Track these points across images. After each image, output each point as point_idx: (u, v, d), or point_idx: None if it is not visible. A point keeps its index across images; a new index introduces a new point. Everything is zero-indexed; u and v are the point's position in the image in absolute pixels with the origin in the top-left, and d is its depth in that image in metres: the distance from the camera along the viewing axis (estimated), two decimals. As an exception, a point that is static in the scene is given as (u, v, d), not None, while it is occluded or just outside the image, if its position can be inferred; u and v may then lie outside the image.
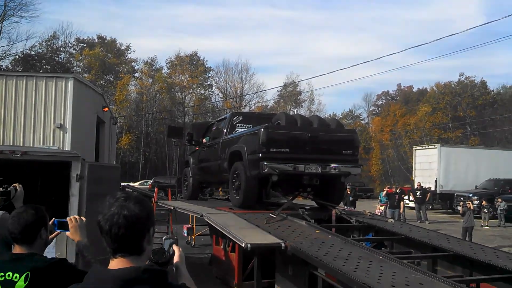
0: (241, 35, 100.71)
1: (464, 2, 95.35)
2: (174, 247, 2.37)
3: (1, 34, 46.71)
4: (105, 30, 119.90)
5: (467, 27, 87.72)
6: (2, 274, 2.61)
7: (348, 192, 20.30)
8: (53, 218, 3.04)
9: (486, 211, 22.07)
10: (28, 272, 2.60)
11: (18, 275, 2.60)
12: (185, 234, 14.66)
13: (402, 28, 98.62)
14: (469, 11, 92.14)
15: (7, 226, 2.77)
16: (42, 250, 2.85)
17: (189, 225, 14.47)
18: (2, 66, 48.00)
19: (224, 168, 9.64)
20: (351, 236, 7.79)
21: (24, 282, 2.58)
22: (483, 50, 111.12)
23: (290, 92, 66.04)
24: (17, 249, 2.75)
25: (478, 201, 22.96)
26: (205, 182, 12.10)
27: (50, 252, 5.88)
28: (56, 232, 3.03)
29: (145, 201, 2.01)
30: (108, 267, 1.94)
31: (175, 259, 2.31)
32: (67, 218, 3.00)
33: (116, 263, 1.93)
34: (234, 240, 6.58)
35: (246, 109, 56.87)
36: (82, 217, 3.08)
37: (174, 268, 2.29)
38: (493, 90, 64.79)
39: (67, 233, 3.00)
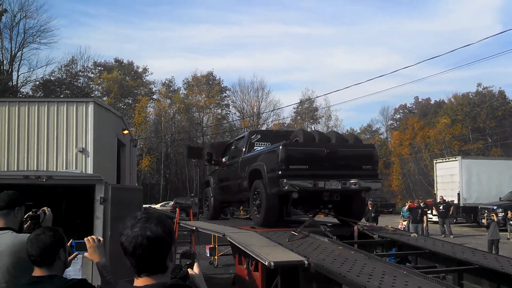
0: (255, 53, 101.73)
1: (480, 12, 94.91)
2: (195, 266, 2.46)
3: (22, 61, 47.91)
4: (121, 53, 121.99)
5: (483, 37, 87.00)
6: None
7: (370, 208, 20.16)
8: (71, 240, 3.06)
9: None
10: None
11: None
12: (208, 255, 14.67)
13: (418, 40, 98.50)
14: (486, 21, 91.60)
15: (26, 249, 2.79)
16: (61, 271, 2.86)
17: (211, 245, 14.48)
18: (23, 92, 49.11)
19: (244, 186, 9.67)
20: (374, 252, 7.73)
21: None
22: (500, 60, 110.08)
23: (307, 109, 66.09)
24: (37, 272, 2.76)
25: (503, 213, 22.57)
26: (226, 201, 12.13)
27: (76, 275, 5.97)
28: (74, 254, 3.05)
29: (166, 220, 2.05)
30: (134, 285, 1.99)
31: (192, 273, 2.39)
32: (85, 239, 3.00)
33: (141, 282, 1.98)
34: (257, 258, 6.59)
35: (264, 127, 57.05)
36: (99, 238, 3.10)
37: (194, 285, 2.36)
38: (512, 100, 64.07)
39: (85, 254, 3.00)
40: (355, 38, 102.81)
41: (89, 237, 3.02)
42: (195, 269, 2.45)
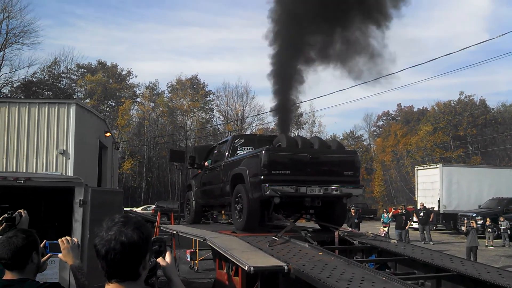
0: (242, 57, 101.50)
1: (466, 20, 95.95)
2: (166, 255, 2.36)
3: (3, 62, 47.28)
4: (107, 55, 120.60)
5: (468, 45, 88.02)
6: None
7: (353, 214, 20.29)
8: (44, 241, 2.98)
9: (490, 231, 21.95)
10: None
11: None
12: (188, 259, 14.59)
13: (404, 47, 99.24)
14: (472, 29, 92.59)
15: None
16: (34, 275, 2.79)
17: (192, 250, 14.41)
18: (4, 93, 48.42)
19: (226, 191, 9.65)
20: (354, 258, 7.76)
21: None
22: (483, 68, 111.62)
23: (291, 114, 66.05)
24: (8, 275, 2.68)
25: (482, 221, 22.85)
26: (208, 205, 12.10)
27: (54, 279, 5.89)
28: (48, 255, 2.97)
29: (144, 227, 1.98)
30: None
31: (163, 263, 2.30)
32: (59, 240, 2.90)
33: None
34: (237, 263, 6.58)
35: (248, 132, 56.99)
36: (74, 238, 3.00)
37: (166, 277, 2.28)
38: (493, 109, 65.08)
39: (59, 255, 2.91)
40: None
41: (63, 238, 2.91)
42: (167, 258, 2.33)
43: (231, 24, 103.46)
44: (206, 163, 11.71)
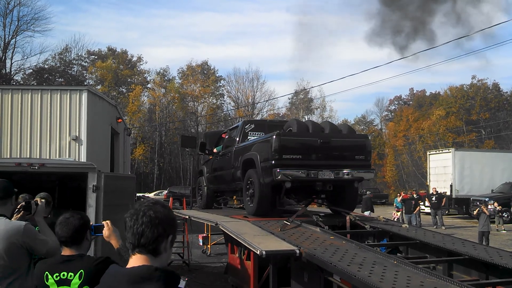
0: (253, 41, 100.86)
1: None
2: None
3: (16, 49, 47.58)
4: (120, 40, 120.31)
5: (482, 28, 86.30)
6: (57, 274, 3.00)
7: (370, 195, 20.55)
8: (91, 222, 3.35)
9: (506, 215, 21.83)
10: (82, 271, 2.97)
11: (72, 274, 2.99)
12: (201, 243, 14.73)
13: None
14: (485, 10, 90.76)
15: (57, 231, 3.12)
16: (87, 250, 3.21)
17: (204, 234, 14.54)
18: (17, 80, 48.79)
19: (238, 176, 9.68)
20: (366, 242, 7.78)
21: (79, 280, 2.98)
22: (497, 52, 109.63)
23: (302, 100, 65.98)
24: (66, 251, 3.11)
25: (493, 205, 22.71)
26: (219, 191, 12.16)
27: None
28: (93, 236, 3.35)
29: (171, 211, 2.18)
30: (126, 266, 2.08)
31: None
32: (103, 222, 3.31)
33: (133, 261, 2.07)
34: (249, 247, 6.62)
35: (258, 117, 56.95)
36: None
37: None
38: (506, 92, 64.24)
39: (105, 236, 3.30)
40: (360, 28, 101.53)
41: (108, 221, 3.32)
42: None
43: (244, 8, 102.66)
44: (215, 150, 11.76)
